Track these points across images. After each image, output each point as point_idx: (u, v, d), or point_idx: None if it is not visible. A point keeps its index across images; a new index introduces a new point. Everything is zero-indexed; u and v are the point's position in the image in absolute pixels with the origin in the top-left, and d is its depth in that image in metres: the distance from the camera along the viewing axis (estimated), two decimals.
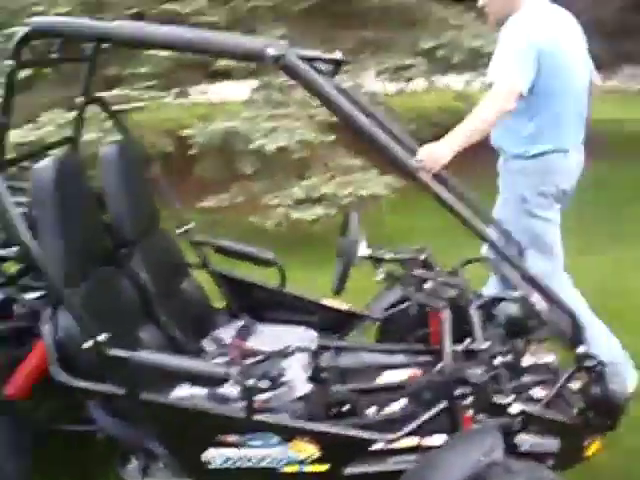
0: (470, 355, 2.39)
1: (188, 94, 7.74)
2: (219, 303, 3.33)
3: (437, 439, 2.29)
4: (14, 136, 4.91)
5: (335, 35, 6.22)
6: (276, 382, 2.67)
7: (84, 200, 2.53)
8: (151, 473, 2.35)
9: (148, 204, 2.99)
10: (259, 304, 3.27)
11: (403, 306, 3.08)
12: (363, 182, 5.45)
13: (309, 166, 5.69)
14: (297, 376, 2.73)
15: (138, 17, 6.23)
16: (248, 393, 2.22)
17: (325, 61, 2.42)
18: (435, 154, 2.80)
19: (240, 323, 3.19)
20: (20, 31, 2.15)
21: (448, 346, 2.31)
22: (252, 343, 3.02)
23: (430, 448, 2.27)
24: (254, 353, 2.93)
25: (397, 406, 2.62)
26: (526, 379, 2.57)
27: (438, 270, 2.86)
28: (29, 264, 2.27)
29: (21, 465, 2.41)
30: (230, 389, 2.53)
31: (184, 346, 2.81)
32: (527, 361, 2.68)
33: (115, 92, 5.83)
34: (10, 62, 2.17)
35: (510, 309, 2.68)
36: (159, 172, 5.80)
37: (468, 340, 2.43)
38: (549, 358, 2.70)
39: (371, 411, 2.62)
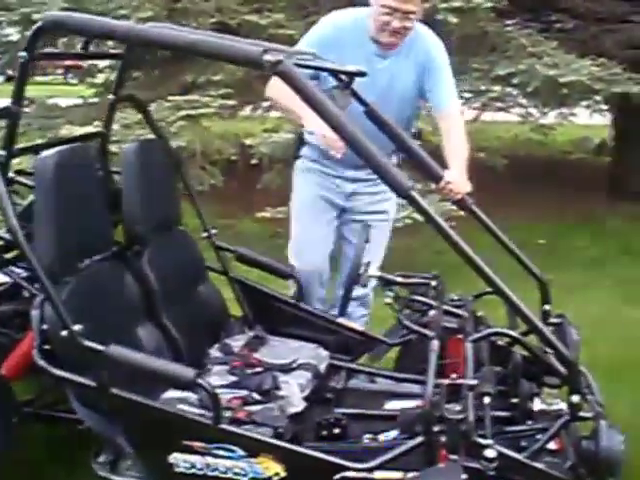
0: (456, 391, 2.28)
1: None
2: (237, 311, 3.33)
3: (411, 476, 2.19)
4: (77, 130, 5.10)
5: None
6: (268, 396, 2.64)
7: (87, 194, 2.56)
8: (119, 469, 2.35)
9: (165, 204, 3.00)
10: (275, 316, 3.24)
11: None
12: (430, 204, 5.31)
13: None
14: (293, 393, 2.68)
15: (219, 26, 6.36)
16: (215, 401, 2.19)
17: (335, 71, 2.38)
18: (462, 182, 2.94)
19: (252, 334, 3.17)
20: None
21: (431, 379, 2.21)
22: (260, 355, 2.98)
23: None
24: (258, 364, 2.91)
25: (389, 436, 2.54)
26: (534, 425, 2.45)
27: (445, 299, 2.76)
28: (19, 251, 2.31)
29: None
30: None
31: (184, 350, 2.80)
32: (537, 406, 2.56)
33: (189, 97, 5.97)
34: (23, 54, 2.23)
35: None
36: (222, 179, 5.96)
37: (454, 375, 2.32)
38: (559, 406, 2.56)
39: (364, 438, 2.56)
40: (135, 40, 2.20)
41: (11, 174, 2.86)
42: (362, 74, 2.47)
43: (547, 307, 2.85)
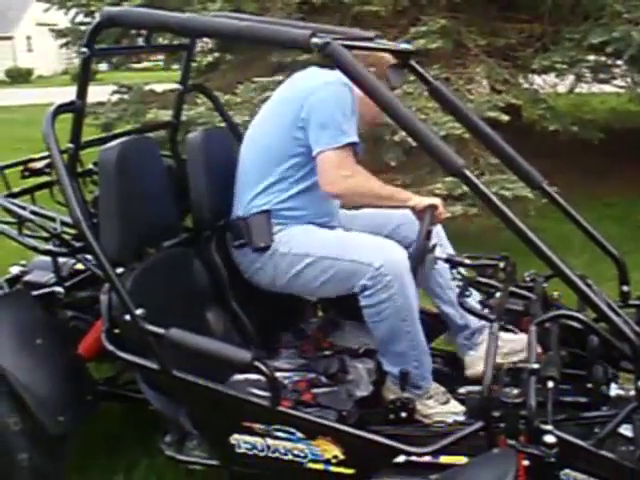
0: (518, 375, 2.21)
1: None
2: None
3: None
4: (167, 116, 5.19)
5: (499, 28, 5.98)
6: (334, 379, 2.65)
7: (150, 183, 2.62)
8: (185, 449, 2.42)
9: (233, 190, 3.02)
10: (350, 299, 3.23)
11: None
12: (509, 183, 5.17)
13: None
14: (360, 377, 2.68)
15: (304, 6, 6.37)
16: (272, 383, 2.22)
17: (388, 51, 2.33)
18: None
19: (326, 317, 3.17)
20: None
21: (491, 362, 2.15)
22: (332, 338, 2.99)
23: None
24: (329, 348, 2.91)
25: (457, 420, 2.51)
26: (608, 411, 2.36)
27: (515, 280, 2.67)
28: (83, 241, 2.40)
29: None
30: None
31: (254, 334, 2.82)
32: (613, 391, 2.47)
33: (274, 78, 6.01)
34: (84, 50, 2.31)
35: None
36: None
37: (516, 359, 2.25)
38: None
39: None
40: (188, 31, 2.23)
41: (90, 165, 2.99)
42: (417, 52, 2.42)
43: (626, 288, 2.72)
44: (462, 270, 2.66)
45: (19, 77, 28.86)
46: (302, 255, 2.57)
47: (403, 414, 2.59)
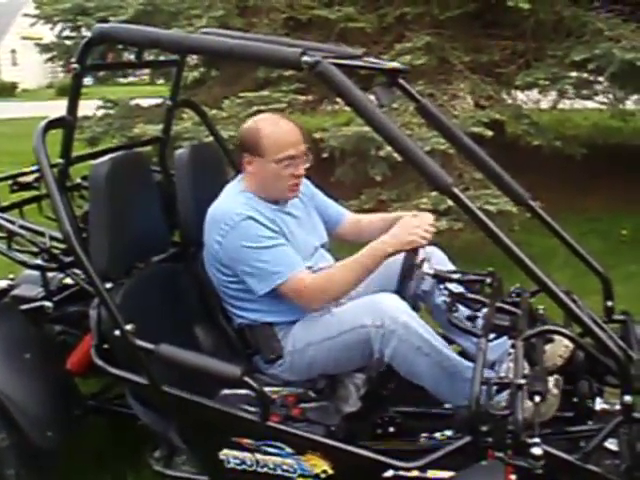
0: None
1: None
2: None
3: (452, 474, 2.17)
4: (154, 131, 5.22)
5: (483, 45, 6.04)
6: (323, 394, 2.66)
7: (140, 199, 2.63)
8: (174, 465, 2.42)
9: None
10: None
11: None
12: (493, 197, 5.22)
13: None
14: (349, 392, 2.68)
15: (291, 22, 6.43)
16: (262, 398, 2.23)
17: (376, 69, 2.37)
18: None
19: None
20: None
21: (478, 377, 2.17)
22: None
23: None
24: None
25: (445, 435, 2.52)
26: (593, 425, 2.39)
27: (502, 295, 2.70)
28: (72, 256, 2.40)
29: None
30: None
31: (241, 349, 2.83)
32: (598, 406, 2.49)
33: (260, 93, 6.06)
34: (75, 66, 2.32)
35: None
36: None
37: (502, 374, 2.27)
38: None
39: (421, 437, 2.56)
40: (180, 48, 2.25)
41: (78, 180, 2.99)
42: (405, 71, 2.45)
43: (610, 303, 2.76)
44: (449, 286, 2.71)
45: (3, 91, 28.72)
46: (305, 346, 2.57)
47: (391, 429, 2.62)
